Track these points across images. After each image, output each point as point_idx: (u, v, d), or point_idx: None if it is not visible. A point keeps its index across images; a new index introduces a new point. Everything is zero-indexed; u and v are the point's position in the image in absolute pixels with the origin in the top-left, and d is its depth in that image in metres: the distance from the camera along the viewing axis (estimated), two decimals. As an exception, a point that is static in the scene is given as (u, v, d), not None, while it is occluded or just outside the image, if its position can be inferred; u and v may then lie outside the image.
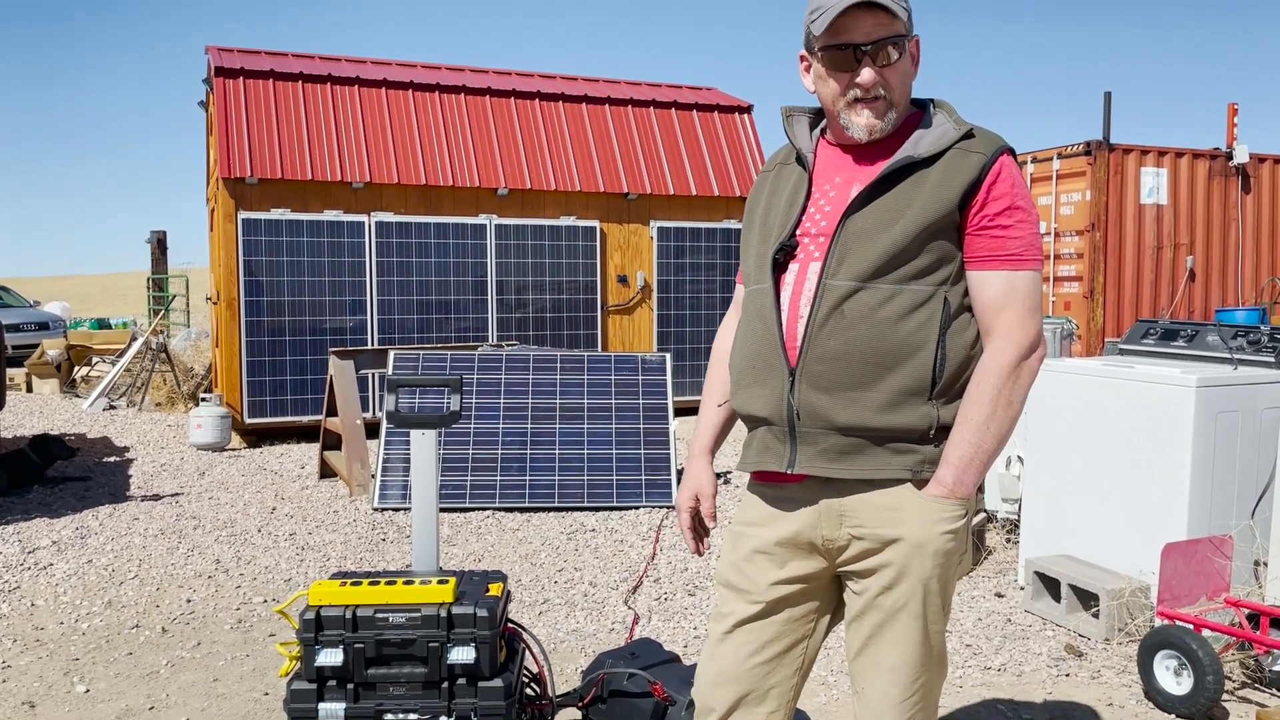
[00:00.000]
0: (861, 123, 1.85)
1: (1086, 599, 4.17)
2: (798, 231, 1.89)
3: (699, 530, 2.14)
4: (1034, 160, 12.11)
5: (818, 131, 2.00)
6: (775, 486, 1.96)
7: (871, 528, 1.86)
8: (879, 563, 1.87)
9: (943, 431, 1.84)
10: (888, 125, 1.86)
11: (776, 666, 1.97)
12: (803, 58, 1.93)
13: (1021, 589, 4.65)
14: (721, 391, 2.13)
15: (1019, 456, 5.19)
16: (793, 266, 1.89)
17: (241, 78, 9.59)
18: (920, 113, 1.92)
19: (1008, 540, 5.38)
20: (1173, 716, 3.38)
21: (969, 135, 1.84)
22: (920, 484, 1.85)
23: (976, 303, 1.85)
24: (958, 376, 1.84)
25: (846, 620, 1.98)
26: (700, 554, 2.13)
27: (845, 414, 1.81)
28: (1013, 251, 1.81)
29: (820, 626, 2.01)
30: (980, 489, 5.56)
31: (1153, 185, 11.82)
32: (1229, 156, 12.23)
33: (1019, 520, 5.15)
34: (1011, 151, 1.85)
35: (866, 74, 1.81)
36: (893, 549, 1.85)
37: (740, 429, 6.39)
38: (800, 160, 1.95)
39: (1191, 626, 3.48)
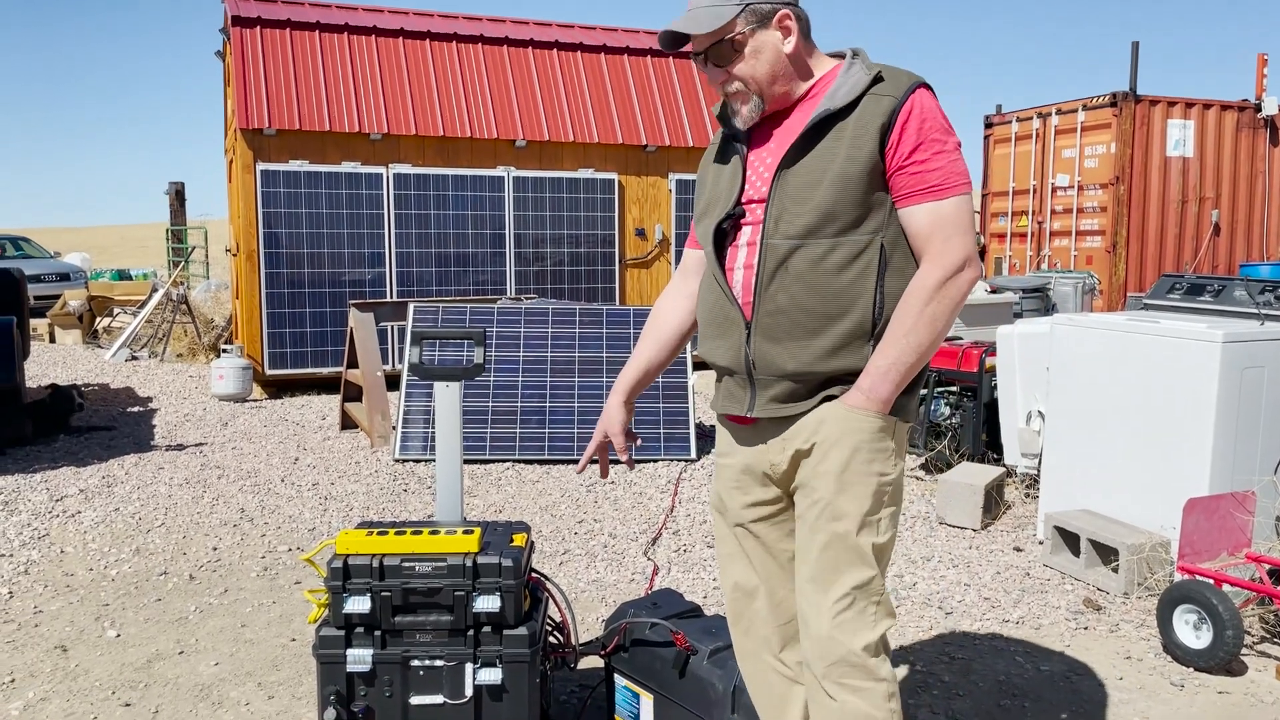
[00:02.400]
0: (737, 112, 2.01)
1: (1106, 554, 4.18)
2: (743, 200, 2.02)
3: (603, 457, 2.40)
4: (1058, 112, 11.94)
5: None
6: (736, 427, 2.16)
7: (801, 437, 2.00)
8: (803, 470, 2.01)
9: None
10: (753, 114, 1.99)
11: (778, 581, 2.18)
12: None
13: (1040, 543, 4.66)
14: (653, 348, 2.33)
15: (1039, 411, 5.18)
16: (744, 230, 2.02)
17: (259, 27, 9.51)
18: (838, 66, 2.01)
19: (1026, 495, 5.39)
20: (1191, 669, 3.40)
21: (879, 79, 1.92)
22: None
23: (909, 237, 1.94)
24: None
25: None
26: (605, 475, 2.40)
27: (793, 361, 1.95)
28: (932, 184, 1.89)
29: None
30: (997, 449, 5.57)
31: (1179, 137, 11.64)
32: (1258, 108, 12.02)
33: (1038, 475, 5.16)
34: (927, 86, 1.93)
35: (710, 74, 1.99)
36: (813, 455, 1.99)
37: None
38: (737, 138, 2.07)
39: (1212, 581, 3.49)
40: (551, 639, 2.91)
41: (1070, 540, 4.35)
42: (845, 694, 1.94)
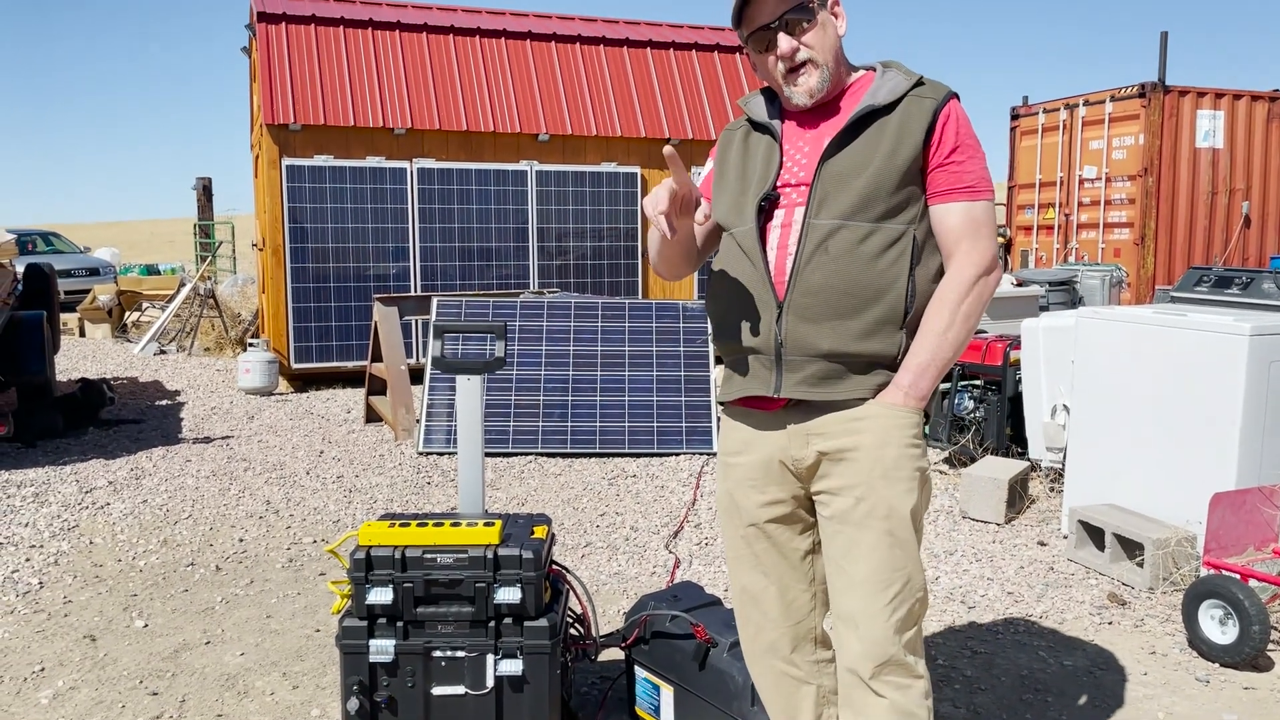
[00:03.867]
0: (799, 90, 2.03)
1: (1131, 548, 4.15)
2: (778, 184, 2.05)
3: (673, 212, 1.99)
4: (1086, 103, 11.82)
5: (778, 106, 2.15)
6: (752, 414, 2.12)
7: (835, 440, 2.00)
8: (842, 473, 2.00)
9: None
10: (823, 84, 2.02)
11: (790, 581, 2.16)
12: (745, 55, 2.08)
13: (1065, 537, 4.63)
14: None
15: (1064, 405, 5.14)
16: (777, 213, 2.05)
17: (284, 23, 9.58)
18: (872, 73, 2.09)
19: (1051, 489, 5.35)
20: (1216, 665, 3.37)
21: (920, 83, 2.01)
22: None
23: (939, 232, 2.00)
24: (924, 309, 2.00)
25: (823, 545, 2.07)
26: (671, 231, 1.98)
27: (828, 341, 1.97)
28: (968, 184, 1.98)
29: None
30: (1021, 443, 5.53)
31: (1209, 128, 11.50)
32: (1290, 98, 11.84)
33: (1063, 469, 5.12)
34: (958, 97, 2.04)
35: (783, 43, 1.99)
36: (854, 456, 1.98)
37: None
38: (768, 130, 2.11)
39: (1238, 576, 3.45)
40: (572, 631, 2.92)
41: (1095, 535, 4.32)
42: (891, 691, 1.96)
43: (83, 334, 13.87)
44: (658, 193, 1.96)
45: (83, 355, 11.71)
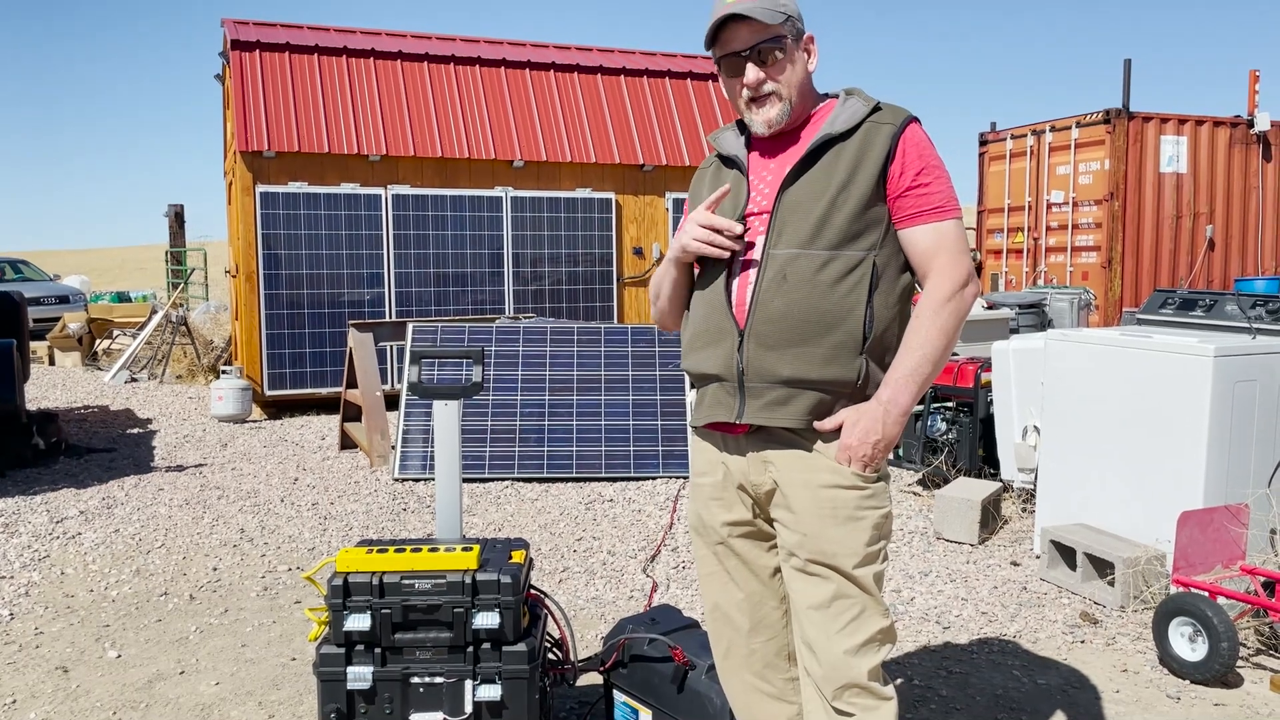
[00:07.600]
0: (759, 119, 2.08)
1: (1102, 567, 4.20)
2: (745, 215, 2.10)
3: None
4: (1052, 129, 12.01)
5: (746, 135, 2.20)
6: (719, 437, 2.17)
7: (789, 471, 2.05)
8: (793, 507, 2.04)
9: (868, 384, 2.02)
10: (781, 117, 2.06)
11: (761, 597, 2.20)
12: (717, 70, 2.16)
13: (1037, 557, 4.68)
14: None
15: (1035, 426, 5.21)
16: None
17: (258, 50, 9.59)
18: (834, 100, 2.13)
19: (1023, 510, 5.41)
20: (1186, 682, 3.41)
21: (877, 109, 2.06)
22: (825, 434, 2.02)
23: (912, 255, 2.04)
24: (883, 335, 2.03)
25: (782, 570, 2.13)
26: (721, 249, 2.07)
27: (789, 368, 2.00)
28: (935, 205, 2.01)
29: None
30: (993, 464, 5.59)
31: (1172, 154, 11.71)
32: (1250, 124, 12.10)
33: (1035, 490, 5.18)
34: (917, 120, 2.07)
35: (750, 73, 2.04)
36: (804, 492, 2.02)
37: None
38: (735, 162, 2.17)
39: (1207, 594, 3.51)
40: (551, 655, 2.92)
41: (1066, 554, 4.37)
42: (860, 713, 1.99)
43: (52, 362, 13.73)
44: (703, 230, 2.06)
45: (52, 384, 11.59)
